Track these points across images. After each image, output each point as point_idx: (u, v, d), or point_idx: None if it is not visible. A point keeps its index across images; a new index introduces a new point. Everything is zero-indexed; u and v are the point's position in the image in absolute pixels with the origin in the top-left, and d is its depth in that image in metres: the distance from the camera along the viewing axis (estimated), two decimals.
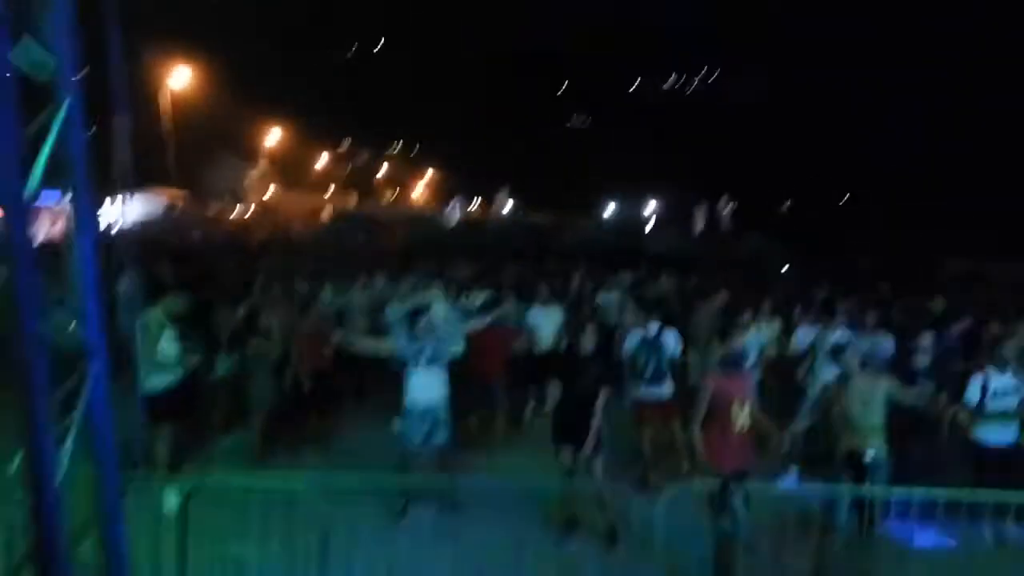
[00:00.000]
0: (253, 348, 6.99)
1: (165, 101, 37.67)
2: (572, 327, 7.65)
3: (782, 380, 7.87)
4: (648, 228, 39.13)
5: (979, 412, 6.39)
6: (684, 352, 7.91)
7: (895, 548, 5.89)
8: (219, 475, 5.45)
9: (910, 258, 22.40)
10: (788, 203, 55.94)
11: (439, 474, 6.20)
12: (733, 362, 5.30)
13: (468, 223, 28.24)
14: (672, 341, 7.33)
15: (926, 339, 6.38)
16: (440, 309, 8.25)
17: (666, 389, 7.18)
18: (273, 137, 50.90)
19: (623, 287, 10.85)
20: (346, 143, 75.52)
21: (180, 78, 39.59)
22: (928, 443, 5.94)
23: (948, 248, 24.68)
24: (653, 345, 7.19)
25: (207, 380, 7.36)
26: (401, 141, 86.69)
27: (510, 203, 50.54)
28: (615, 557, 5.28)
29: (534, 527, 5.76)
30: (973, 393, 6.34)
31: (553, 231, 26.37)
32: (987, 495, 5.20)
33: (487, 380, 7.85)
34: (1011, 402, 6.35)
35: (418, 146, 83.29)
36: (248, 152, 51.69)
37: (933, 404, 5.60)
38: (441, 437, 6.16)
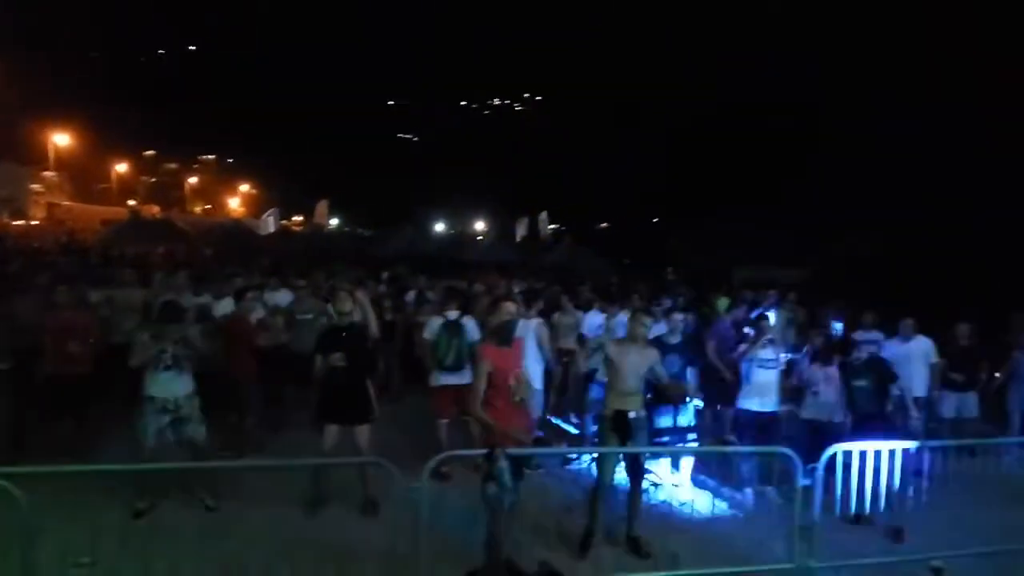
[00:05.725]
0: None
1: None
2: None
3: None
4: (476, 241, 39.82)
5: (744, 383, 6.93)
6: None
7: (660, 510, 6.15)
8: None
9: (707, 268, 24.87)
10: (604, 224, 61.68)
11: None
12: (506, 333, 5.25)
13: (284, 232, 26.97)
14: (472, 326, 7.24)
15: (675, 320, 7.05)
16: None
17: (466, 376, 6.87)
18: (63, 143, 45.71)
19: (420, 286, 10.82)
20: (151, 153, 70.03)
21: None
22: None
23: (739, 260, 27.94)
24: (454, 329, 7.10)
25: None
26: (214, 154, 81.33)
27: (335, 221, 49.51)
28: (384, 528, 5.09)
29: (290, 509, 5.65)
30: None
31: (375, 241, 26.10)
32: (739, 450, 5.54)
33: (236, 376, 7.27)
34: (771, 374, 6.91)
35: (231, 160, 78.91)
36: (32, 159, 46.07)
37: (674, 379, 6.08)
38: (193, 431, 5.76)
